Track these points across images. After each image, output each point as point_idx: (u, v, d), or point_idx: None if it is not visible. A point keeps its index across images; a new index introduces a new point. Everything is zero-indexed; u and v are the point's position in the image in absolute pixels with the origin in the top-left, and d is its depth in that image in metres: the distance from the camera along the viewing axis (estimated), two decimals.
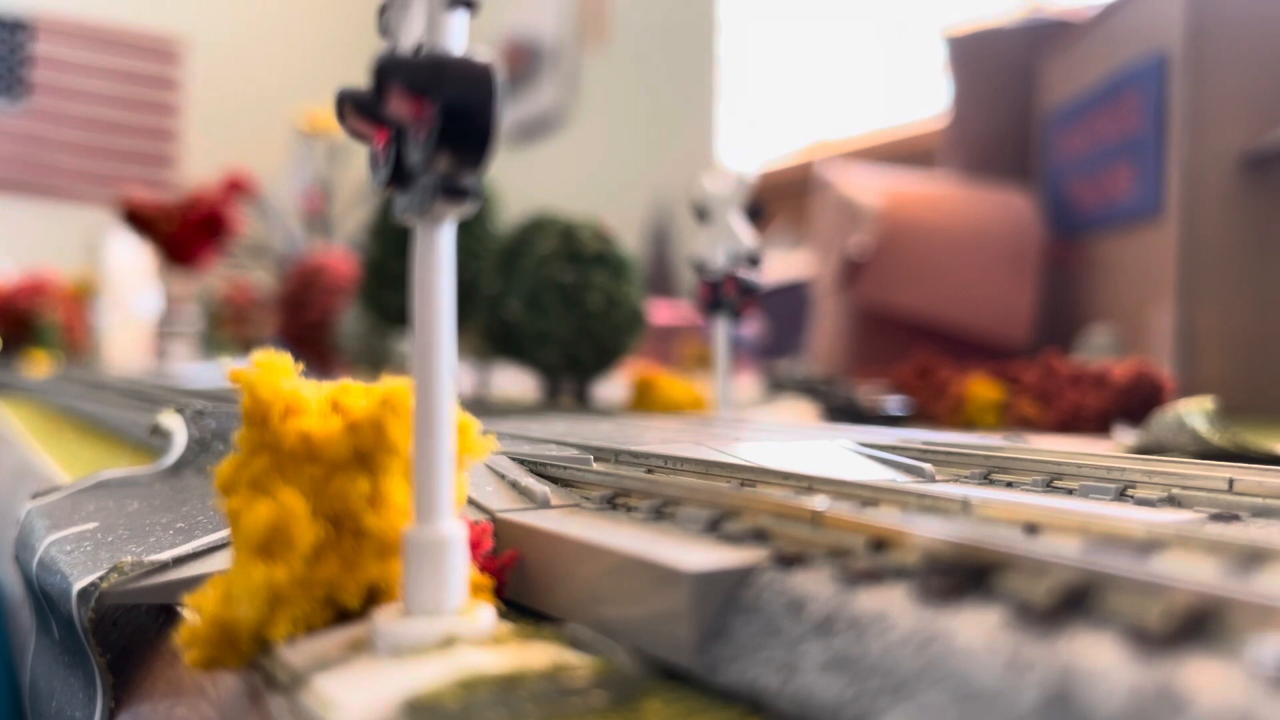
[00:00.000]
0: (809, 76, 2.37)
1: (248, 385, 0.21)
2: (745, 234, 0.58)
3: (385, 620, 0.19)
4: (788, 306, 1.47)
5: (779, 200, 1.78)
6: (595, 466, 0.30)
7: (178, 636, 0.20)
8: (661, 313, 1.60)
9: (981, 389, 0.67)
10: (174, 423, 0.40)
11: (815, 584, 0.18)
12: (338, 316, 1.13)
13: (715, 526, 0.23)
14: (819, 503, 0.21)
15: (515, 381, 0.83)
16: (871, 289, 1.02)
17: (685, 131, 2.62)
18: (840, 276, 1.04)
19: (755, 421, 0.53)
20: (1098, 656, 0.13)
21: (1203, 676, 0.12)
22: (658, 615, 0.19)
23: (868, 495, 0.24)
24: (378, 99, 0.19)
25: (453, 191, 0.19)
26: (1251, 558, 0.17)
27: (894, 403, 0.69)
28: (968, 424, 0.66)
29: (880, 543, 0.19)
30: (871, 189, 1.07)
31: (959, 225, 1.04)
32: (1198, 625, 0.14)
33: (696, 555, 0.20)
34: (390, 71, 0.18)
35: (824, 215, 1.18)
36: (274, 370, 0.21)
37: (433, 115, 0.18)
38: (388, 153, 0.19)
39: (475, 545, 0.23)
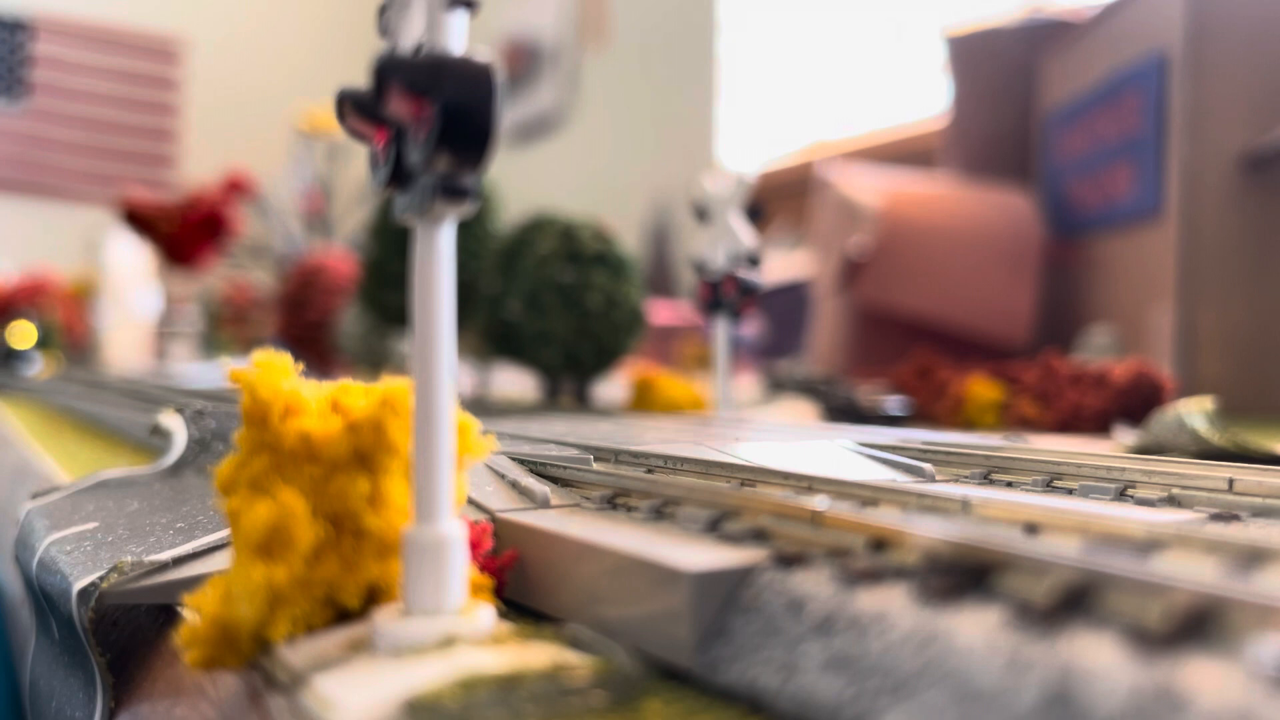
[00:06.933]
0: (809, 76, 2.37)
1: (248, 385, 0.21)
2: (745, 234, 0.58)
3: (385, 620, 0.19)
4: (788, 306, 1.47)
5: (779, 200, 1.78)
6: (595, 466, 0.30)
7: (178, 636, 0.20)
8: (661, 313, 1.60)
9: (981, 389, 0.67)
10: (174, 423, 0.40)
11: (815, 584, 0.18)
12: (338, 316, 1.13)
13: (715, 526, 0.23)
14: (819, 503, 0.21)
15: (515, 381, 0.83)
16: (871, 289, 1.02)
17: (685, 131, 2.62)
18: (840, 276, 1.04)
19: (755, 421, 0.53)
20: (1098, 656, 0.13)
21: (1203, 676, 0.12)
22: (658, 615, 0.19)
23: (868, 495, 0.24)
24: (378, 99, 0.19)
25: (453, 191, 0.19)
26: (1251, 558, 0.17)
27: (894, 403, 0.69)
28: (968, 424, 0.66)
29: (880, 543, 0.19)
30: (871, 189, 1.07)
31: (959, 225, 1.04)
32: (1198, 625, 0.14)
33: (696, 555, 0.20)
34: (390, 71, 0.18)
35: (824, 215, 1.18)
36: (274, 370, 0.21)
37: (432, 115, 0.18)
38: (388, 153, 0.19)
39: (475, 545, 0.23)
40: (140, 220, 1.45)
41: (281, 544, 0.19)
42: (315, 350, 1.17)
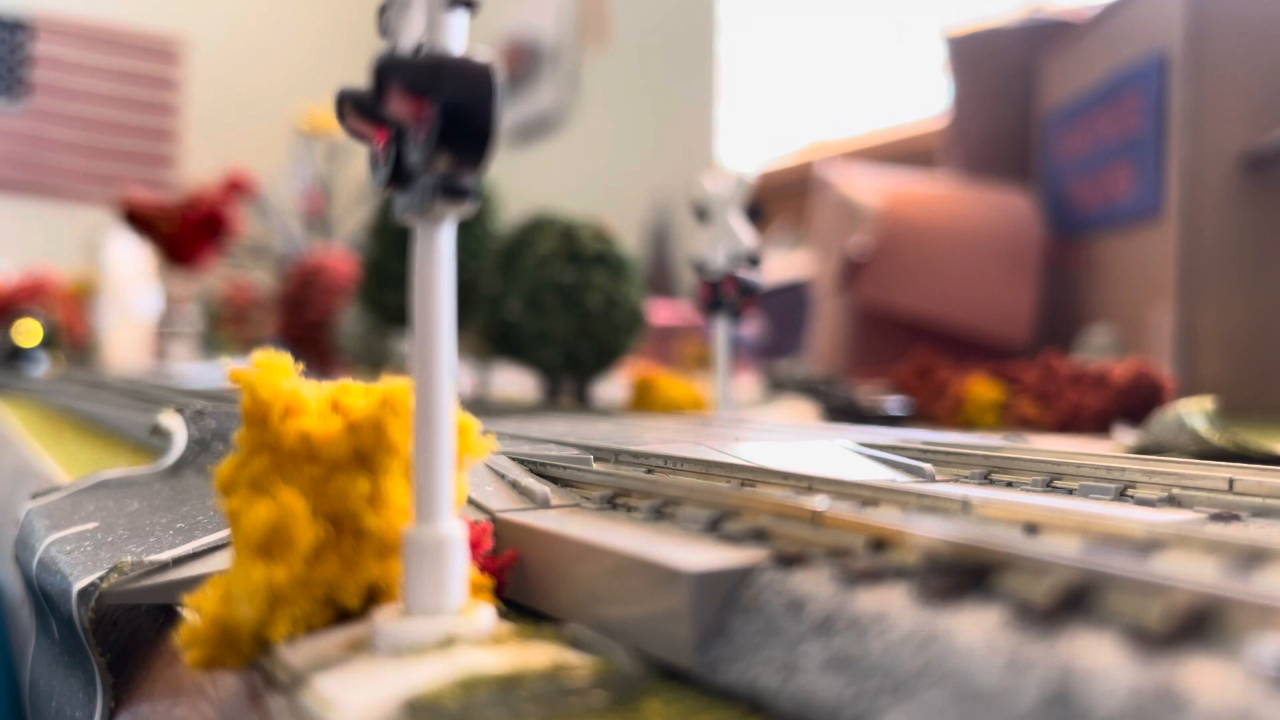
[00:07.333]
0: (809, 76, 2.37)
1: (248, 385, 0.21)
2: (745, 234, 0.58)
3: (385, 620, 0.19)
4: (788, 306, 1.47)
5: (779, 200, 1.78)
6: (595, 466, 0.30)
7: (178, 636, 0.20)
8: (661, 313, 1.60)
9: (981, 389, 0.67)
10: (174, 423, 0.40)
11: (815, 584, 0.18)
12: (338, 316, 1.13)
13: (715, 526, 0.23)
14: (819, 503, 0.21)
15: (515, 381, 0.83)
16: (871, 289, 1.02)
17: (685, 131, 2.62)
18: (840, 276, 1.04)
19: (755, 421, 0.53)
20: (1098, 656, 0.13)
21: (1203, 676, 0.12)
22: (658, 615, 0.19)
23: (868, 495, 0.24)
24: (378, 99, 0.19)
25: (453, 191, 0.19)
26: (1251, 558, 0.17)
27: (894, 403, 0.69)
28: (968, 424, 0.66)
29: (880, 543, 0.19)
30: (871, 189, 1.07)
31: (959, 225, 1.04)
32: (1198, 625, 0.14)
33: (696, 555, 0.20)
34: (390, 71, 0.18)
35: (824, 215, 1.18)
36: (274, 370, 0.21)
37: (432, 115, 0.18)
38: (388, 153, 0.19)
39: (475, 545, 0.23)
40: (140, 220, 1.45)
41: (281, 544, 0.19)
42: (315, 350, 1.17)
